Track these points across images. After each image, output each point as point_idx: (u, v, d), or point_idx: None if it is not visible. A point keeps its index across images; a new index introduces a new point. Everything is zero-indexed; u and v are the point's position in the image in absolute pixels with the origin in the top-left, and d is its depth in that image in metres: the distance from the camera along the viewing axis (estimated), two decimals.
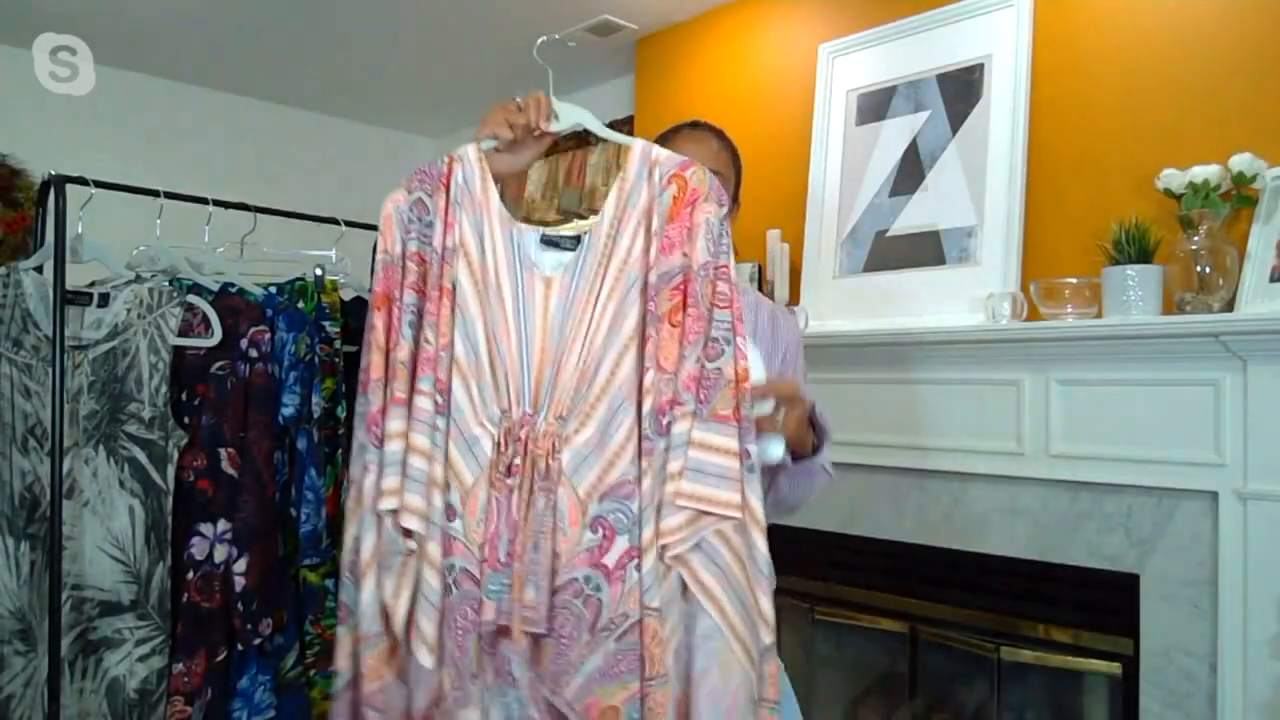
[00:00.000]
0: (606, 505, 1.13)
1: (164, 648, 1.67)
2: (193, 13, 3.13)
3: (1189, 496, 1.92)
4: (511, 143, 1.24)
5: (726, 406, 1.12)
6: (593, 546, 1.13)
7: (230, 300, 1.77)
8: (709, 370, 1.13)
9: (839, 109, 2.64)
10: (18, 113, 3.33)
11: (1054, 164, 2.24)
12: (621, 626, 1.11)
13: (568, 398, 1.16)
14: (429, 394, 1.15)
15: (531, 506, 1.13)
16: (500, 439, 1.16)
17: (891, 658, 2.53)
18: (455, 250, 1.19)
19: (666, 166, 1.20)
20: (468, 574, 1.14)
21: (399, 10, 3.07)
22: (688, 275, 1.15)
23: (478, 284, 1.19)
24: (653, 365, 1.13)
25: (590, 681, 1.11)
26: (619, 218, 1.20)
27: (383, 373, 1.18)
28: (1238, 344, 1.82)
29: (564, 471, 1.14)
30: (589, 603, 1.12)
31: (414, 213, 1.21)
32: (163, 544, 1.67)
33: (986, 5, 2.37)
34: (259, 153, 3.94)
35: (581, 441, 1.14)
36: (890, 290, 2.43)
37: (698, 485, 1.10)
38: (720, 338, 1.14)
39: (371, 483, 1.17)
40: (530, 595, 1.11)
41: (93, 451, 1.68)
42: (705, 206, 1.17)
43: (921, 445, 2.29)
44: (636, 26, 3.17)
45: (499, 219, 1.22)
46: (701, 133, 1.53)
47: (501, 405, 1.17)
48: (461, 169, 1.22)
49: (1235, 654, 1.83)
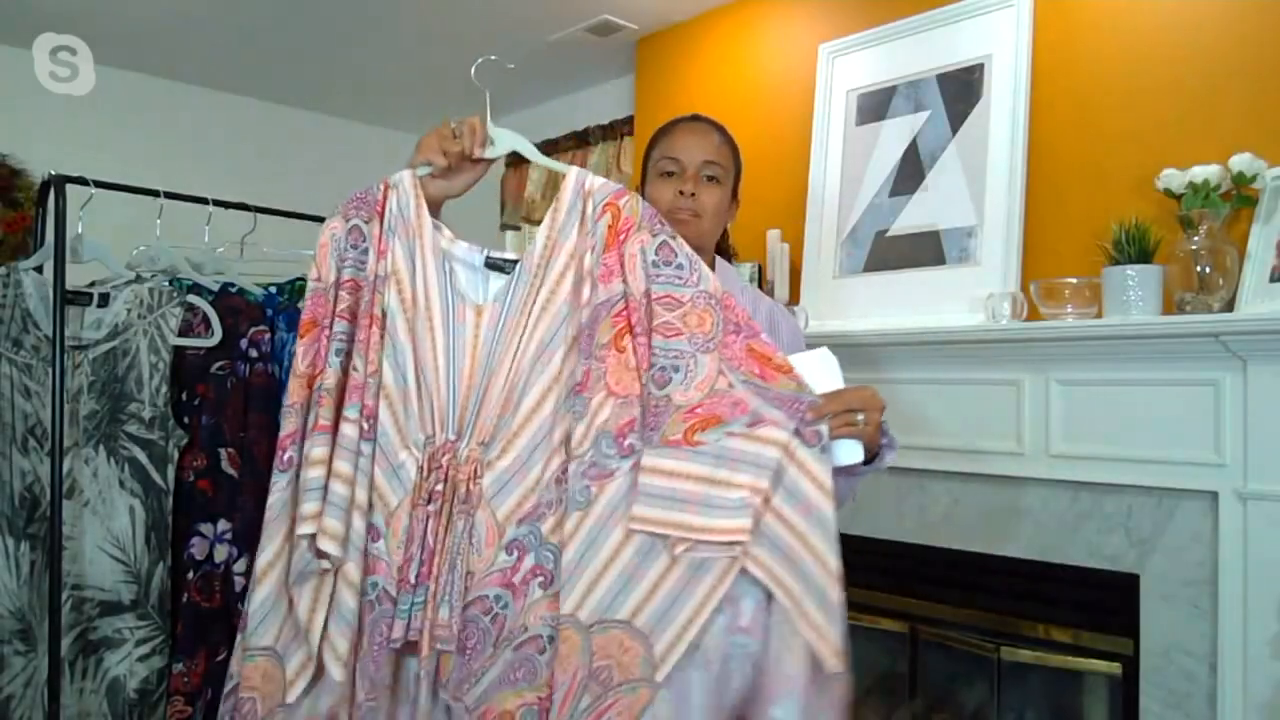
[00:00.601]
0: (522, 529, 1.16)
1: (164, 648, 1.67)
2: (193, 13, 3.13)
3: (1189, 496, 1.92)
4: (446, 169, 1.24)
5: (676, 432, 1.13)
6: (505, 567, 1.16)
7: (230, 300, 1.77)
8: (657, 397, 1.14)
9: (839, 109, 2.64)
10: (18, 113, 3.33)
11: (1054, 164, 2.24)
12: (519, 638, 1.14)
13: (491, 424, 1.18)
14: (355, 421, 1.17)
15: (450, 530, 1.16)
16: (424, 464, 1.18)
17: (891, 658, 2.52)
18: (387, 277, 1.21)
19: (600, 195, 1.21)
20: (387, 594, 1.16)
21: (399, 10, 3.07)
22: (629, 302, 1.17)
23: (408, 311, 1.21)
24: (602, 390, 1.15)
25: (489, 690, 1.15)
26: (550, 248, 1.21)
27: (300, 399, 1.20)
28: (1238, 344, 1.82)
29: (484, 495, 1.17)
30: (496, 619, 1.15)
31: (349, 240, 1.22)
32: (163, 544, 1.67)
33: (986, 5, 2.37)
34: (259, 153, 3.94)
35: (503, 468, 1.17)
36: (890, 290, 2.43)
37: (647, 509, 1.11)
38: (667, 365, 1.15)
39: (274, 501, 1.19)
40: (444, 615, 1.14)
41: (93, 451, 1.68)
42: (639, 236, 1.18)
43: (921, 445, 2.28)
44: (636, 26, 3.17)
45: (431, 246, 1.23)
46: (701, 125, 1.52)
47: (426, 431, 1.20)
48: (396, 196, 1.24)
49: (1235, 654, 1.83)
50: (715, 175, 1.47)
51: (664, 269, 1.18)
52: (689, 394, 1.15)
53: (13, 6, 3.06)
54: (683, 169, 1.46)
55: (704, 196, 1.45)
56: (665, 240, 1.19)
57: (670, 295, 1.17)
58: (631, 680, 1.09)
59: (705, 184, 1.46)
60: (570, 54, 3.35)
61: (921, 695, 2.45)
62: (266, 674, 1.18)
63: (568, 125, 3.76)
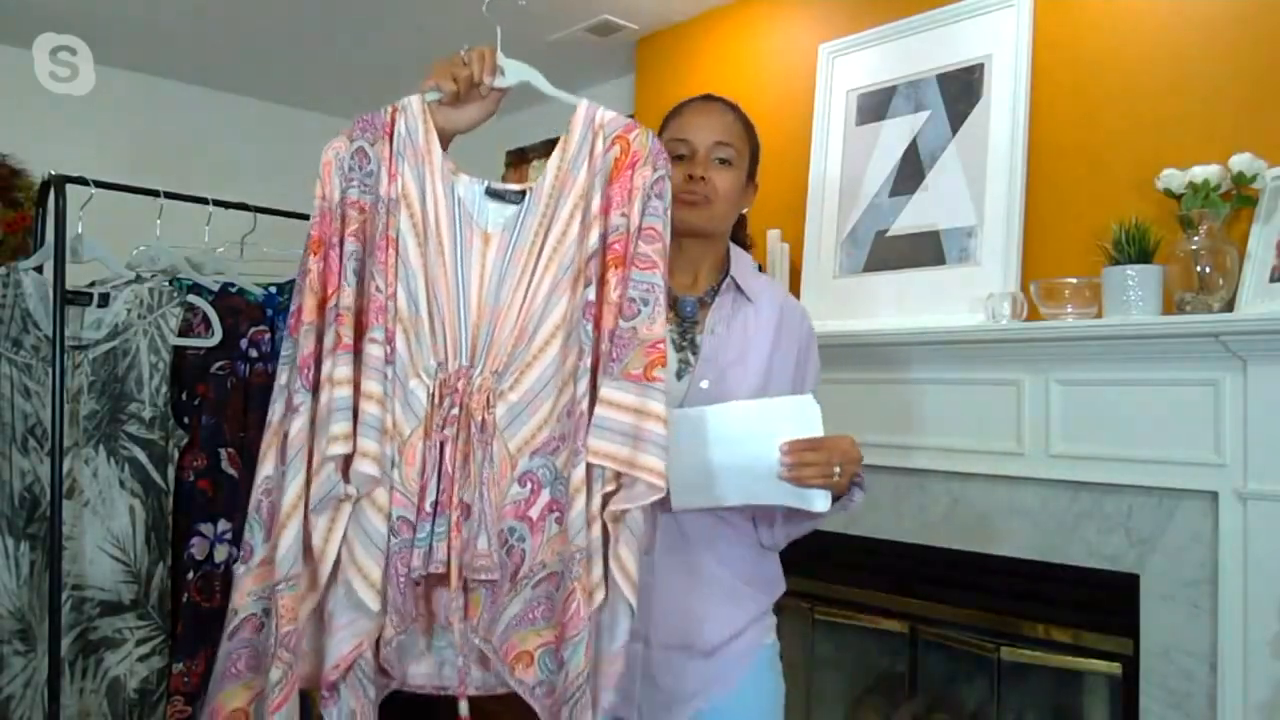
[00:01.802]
0: (535, 461, 1.17)
1: (164, 647, 1.67)
2: (193, 13, 3.13)
3: (1189, 496, 1.92)
4: (455, 96, 1.22)
5: (638, 366, 1.13)
6: (519, 500, 1.16)
7: (230, 300, 1.77)
8: (623, 329, 1.14)
9: (839, 109, 2.64)
10: (18, 113, 3.32)
11: (1054, 164, 2.24)
12: (538, 575, 1.15)
13: (504, 354, 1.18)
14: (380, 342, 1.15)
15: (470, 459, 1.15)
16: (435, 391, 1.17)
17: (891, 658, 2.52)
18: (398, 201, 1.19)
19: (611, 129, 1.22)
20: (405, 522, 1.14)
21: (399, 10, 3.07)
22: (625, 235, 1.17)
23: (419, 235, 1.20)
24: (593, 325, 1.15)
25: (509, 627, 1.16)
26: (560, 181, 1.21)
27: (314, 318, 1.17)
28: (1238, 344, 1.82)
29: (498, 426, 1.16)
30: (513, 553, 1.16)
31: (354, 161, 1.20)
32: (163, 544, 1.67)
33: (986, 5, 2.37)
34: (259, 153, 3.94)
35: (515, 399, 1.17)
36: (890, 290, 2.43)
37: (600, 441, 1.12)
38: (637, 298, 1.15)
39: (300, 427, 1.14)
40: (483, 544, 1.14)
41: (93, 451, 1.68)
42: (643, 170, 1.18)
43: (922, 445, 2.28)
44: (636, 26, 3.16)
45: (440, 172, 1.21)
46: (712, 105, 1.46)
47: (438, 357, 1.18)
48: (404, 119, 1.22)
49: (1235, 654, 1.83)
50: (727, 157, 1.41)
51: (654, 201, 1.19)
52: (654, 329, 1.15)
53: (13, 6, 3.06)
54: (693, 151, 1.40)
55: (715, 180, 1.39)
56: (663, 176, 1.20)
57: (653, 228, 1.18)
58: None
59: (716, 167, 1.40)
60: (570, 54, 3.35)
61: (921, 695, 2.45)
62: (302, 602, 1.14)
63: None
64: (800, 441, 1.24)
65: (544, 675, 1.14)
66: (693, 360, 1.37)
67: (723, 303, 1.42)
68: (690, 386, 1.35)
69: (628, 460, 1.12)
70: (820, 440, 1.25)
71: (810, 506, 1.27)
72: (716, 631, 1.36)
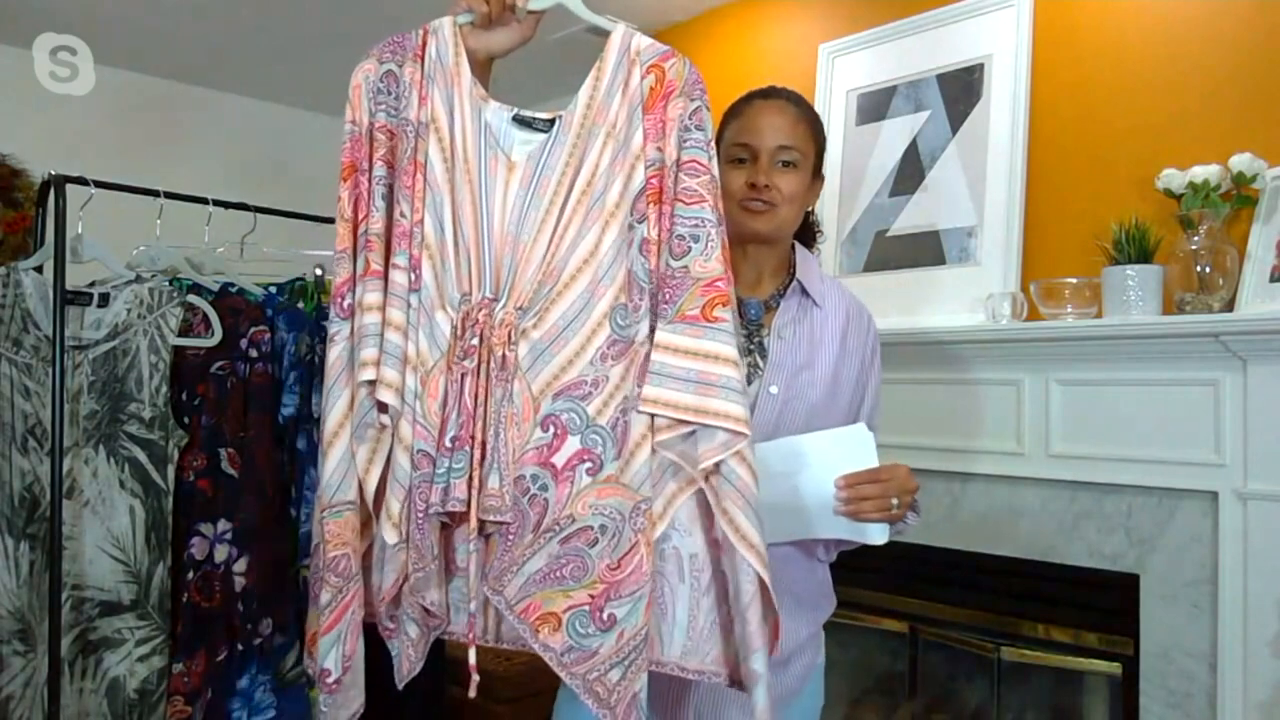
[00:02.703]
0: (560, 404, 1.09)
1: (164, 648, 1.67)
2: (193, 13, 3.13)
3: (1189, 496, 1.92)
4: (488, 19, 1.17)
5: (694, 306, 1.07)
6: (542, 445, 1.09)
7: (230, 300, 1.77)
8: (674, 268, 1.08)
9: (839, 109, 2.64)
10: (18, 113, 3.32)
11: (1054, 164, 2.24)
12: (566, 529, 1.08)
13: (530, 290, 1.12)
14: (404, 269, 1.12)
15: (490, 395, 1.09)
16: (458, 323, 1.12)
17: (891, 658, 2.52)
18: (427, 126, 1.15)
19: (647, 56, 1.16)
20: (426, 456, 1.10)
21: (399, 10, 3.07)
22: (662, 170, 1.11)
23: (447, 160, 1.15)
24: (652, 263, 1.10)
25: (530, 583, 1.09)
26: (592, 112, 1.15)
27: (348, 244, 1.15)
28: (1238, 344, 1.81)
29: (520, 365, 1.11)
30: (534, 501, 1.09)
31: (383, 84, 1.17)
32: (163, 544, 1.67)
33: (986, 5, 2.37)
34: (259, 153, 3.94)
35: (538, 336, 1.11)
36: (890, 290, 2.43)
37: (658, 389, 1.06)
38: (686, 234, 1.09)
39: (338, 354, 1.14)
40: (493, 483, 1.08)
41: (93, 451, 1.68)
42: (679, 101, 1.12)
43: (922, 445, 2.28)
44: (637, 26, 3.16)
45: (468, 95, 1.16)
46: (775, 103, 1.37)
47: (462, 288, 1.13)
48: (435, 42, 1.18)
49: (1235, 654, 1.83)
50: (792, 160, 1.34)
51: (694, 133, 1.11)
52: (709, 265, 1.08)
53: (13, 6, 3.06)
54: (754, 155, 1.34)
55: (779, 184, 1.33)
56: (700, 107, 1.13)
57: (695, 161, 1.11)
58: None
59: (780, 170, 1.34)
60: (570, 54, 3.35)
61: (921, 695, 2.45)
62: (355, 528, 1.14)
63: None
64: (857, 475, 1.22)
65: (575, 640, 1.07)
66: (761, 364, 1.34)
67: (788, 306, 1.38)
68: (760, 391, 1.32)
69: (694, 408, 1.05)
70: (876, 472, 1.23)
71: (868, 540, 1.25)
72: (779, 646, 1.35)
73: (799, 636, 1.36)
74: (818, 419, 1.32)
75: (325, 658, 1.11)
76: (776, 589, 1.31)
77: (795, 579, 1.35)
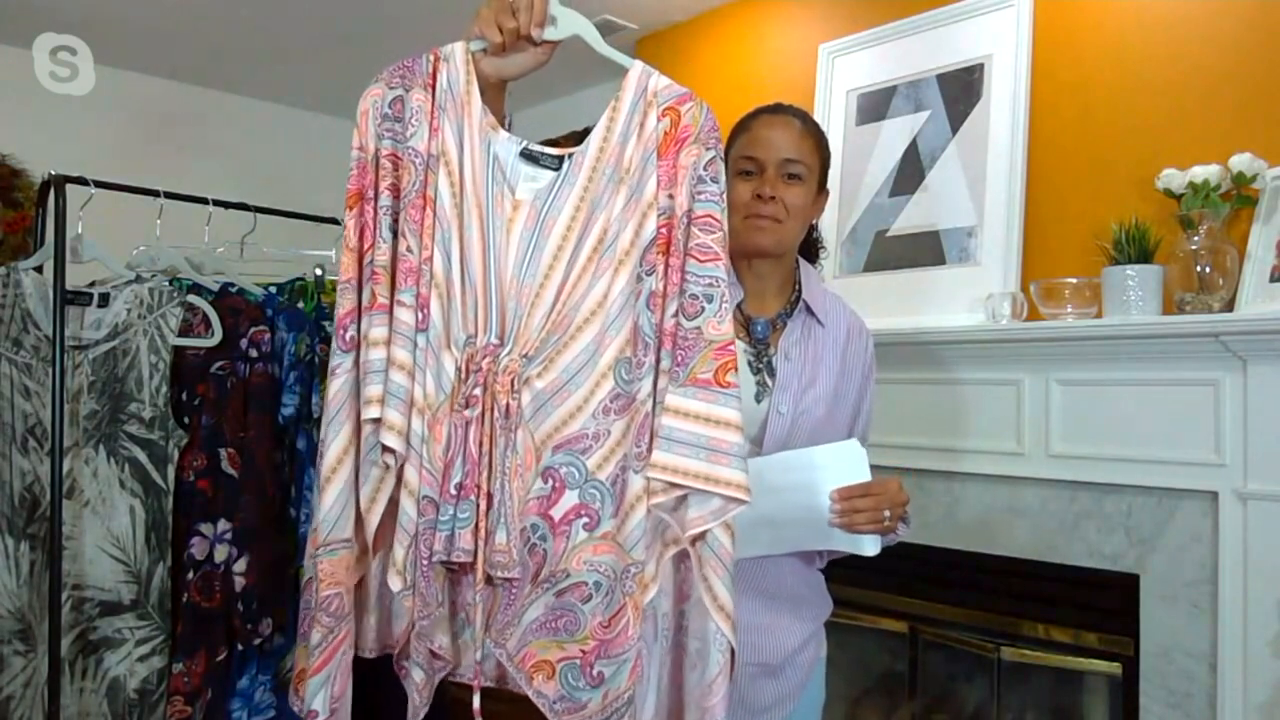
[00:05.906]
0: (559, 457, 1.08)
1: (164, 648, 1.67)
2: (193, 13, 3.13)
3: (1189, 496, 1.92)
4: (501, 48, 1.14)
5: (706, 370, 1.04)
6: (541, 496, 1.08)
7: (230, 300, 1.77)
8: (687, 329, 1.05)
9: (839, 109, 2.64)
10: (18, 113, 3.33)
11: (1054, 164, 2.24)
12: (561, 583, 1.08)
13: (537, 338, 1.09)
14: (410, 307, 1.08)
15: (494, 445, 1.07)
16: (463, 366, 1.09)
17: (891, 658, 2.52)
18: (438, 158, 1.11)
19: (664, 98, 1.12)
20: (430, 502, 1.08)
21: (399, 10, 3.07)
22: (671, 219, 1.08)
23: (455, 195, 1.11)
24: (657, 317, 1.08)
25: (528, 632, 1.09)
26: (607, 155, 1.11)
27: (353, 275, 1.12)
28: (1238, 344, 1.81)
29: (523, 414, 1.08)
30: (534, 552, 1.08)
31: (391, 110, 1.12)
32: (163, 544, 1.67)
33: (986, 5, 2.37)
34: (259, 153, 3.94)
35: (542, 386, 1.08)
36: (890, 290, 2.43)
37: (668, 455, 1.04)
38: (700, 294, 1.06)
39: (339, 387, 1.11)
40: (501, 538, 1.06)
41: (93, 451, 1.68)
42: (692, 149, 1.09)
43: (922, 445, 2.28)
44: (636, 26, 3.16)
45: (478, 126, 1.13)
46: (780, 118, 1.39)
47: (468, 330, 1.11)
48: (447, 70, 1.14)
49: (1235, 654, 1.83)
50: (798, 173, 1.36)
51: (709, 185, 1.08)
52: (722, 329, 1.05)
53: (13, 6, 3.06)
54: (761, 168, 1.35)
55: (785, 197, 1.35)
56: (715, 157, 1.10)
57: (710, 216, 1.07)
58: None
59: (786, 183, 1.35)
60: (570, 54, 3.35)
61: (921, 695, 2.45)
62: (350, 566, 1.12)
63: (568, 124, 3.76)
64: (850, 489, 1.25)
65: (566, 690, 1.07)
66: (769, 383, 1.35)
67: (794, 326, 1.40)
68: (770, 410, 1.34)
69: (704, 475, 1.04)
70: (869, 485, 1.26)
71: (861, 551, 1.29)
72: (782, 645, 1.36)
73: (801, 634, 1.39)
74: (821, 434, 1.35)
75: (313, 699, 1.11)
76: (775, 593, 1.33)
77: (793, 583, 1.40)
